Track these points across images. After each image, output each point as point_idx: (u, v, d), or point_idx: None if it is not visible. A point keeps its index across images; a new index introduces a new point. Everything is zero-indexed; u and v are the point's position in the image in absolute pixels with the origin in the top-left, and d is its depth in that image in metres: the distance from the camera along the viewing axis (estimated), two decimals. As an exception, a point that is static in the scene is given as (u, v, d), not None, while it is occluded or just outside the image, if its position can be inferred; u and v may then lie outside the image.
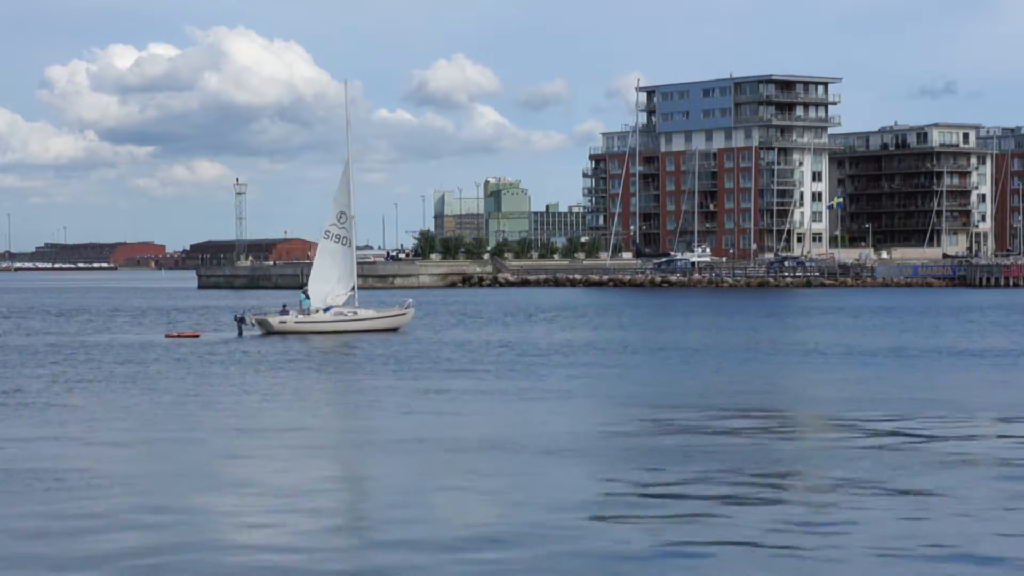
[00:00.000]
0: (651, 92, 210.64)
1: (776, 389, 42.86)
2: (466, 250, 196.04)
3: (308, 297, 73.01)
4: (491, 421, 34.54)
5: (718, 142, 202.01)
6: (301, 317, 71.68)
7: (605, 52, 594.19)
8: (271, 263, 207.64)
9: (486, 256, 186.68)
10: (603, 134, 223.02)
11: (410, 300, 79.11)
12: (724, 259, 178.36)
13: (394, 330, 72.96)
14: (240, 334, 69.82)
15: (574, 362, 52.72)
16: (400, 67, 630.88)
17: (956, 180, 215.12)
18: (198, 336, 70.36)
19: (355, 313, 73.08)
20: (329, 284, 73.10)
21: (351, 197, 73.74)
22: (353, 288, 73.80)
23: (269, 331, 70.32)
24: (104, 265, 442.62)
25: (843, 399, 39.06)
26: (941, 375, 46.85)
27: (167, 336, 70.75)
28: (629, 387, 43.56)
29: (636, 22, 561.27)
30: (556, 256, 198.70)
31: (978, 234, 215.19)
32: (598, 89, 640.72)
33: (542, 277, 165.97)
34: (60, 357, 57.08)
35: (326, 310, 72.28)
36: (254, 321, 71.25)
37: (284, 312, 72.31)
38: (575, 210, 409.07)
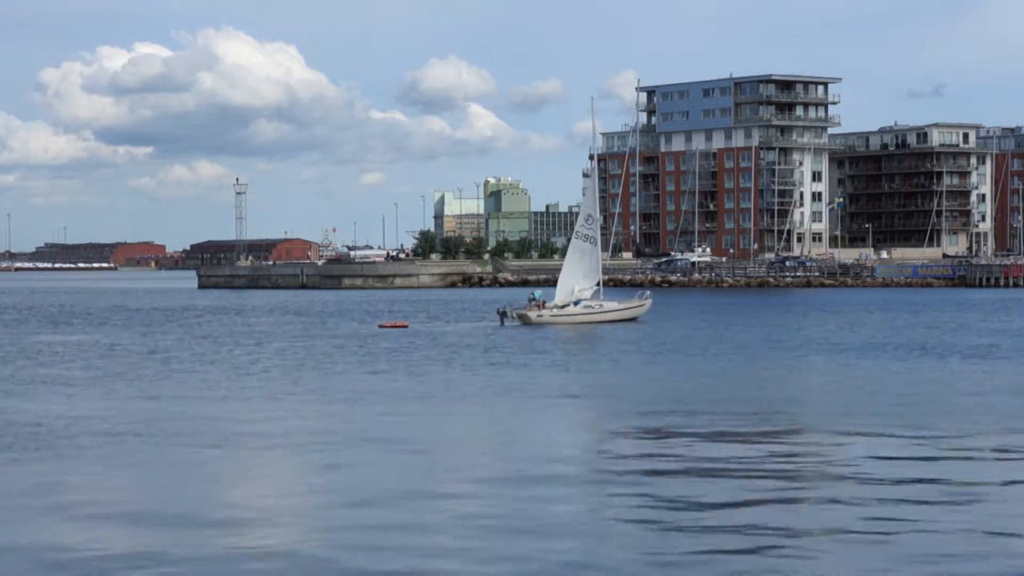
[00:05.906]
0: (651, 92, 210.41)
1: None
2: (466, 250, 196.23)
3: (534, 298, 79.44)
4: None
5: (718, 142, 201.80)
6: (556, 311, 77.99)
7: (599, 52, 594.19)
8: (271, 263, 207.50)
9: (486, 256, 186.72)
10: (603, 134, 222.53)
11: (647, 292, 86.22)
12: (724, 259, 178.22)
13: (633, 319, 79.22)
14: (502, 324, 76.61)
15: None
16: (393, 67, 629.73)
17: (956, 180, 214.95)
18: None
19: (600, 306, 79.64)
20: (575, 279, 79.74)
21: (596, 201, 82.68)
22: (598, 283, 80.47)
23: (527, 323, 76.47)
24: (104, 265, 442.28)
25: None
26: None
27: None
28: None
29: (630, 21, 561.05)
30: (556, 256, 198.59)
31: (978, 234, 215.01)
32: (593, 89, 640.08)
33: (542, 277, 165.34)
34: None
35: (576, 303, 78.64)
36: (515, 315, 77.60)
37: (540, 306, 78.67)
38: (575, 210, 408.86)
